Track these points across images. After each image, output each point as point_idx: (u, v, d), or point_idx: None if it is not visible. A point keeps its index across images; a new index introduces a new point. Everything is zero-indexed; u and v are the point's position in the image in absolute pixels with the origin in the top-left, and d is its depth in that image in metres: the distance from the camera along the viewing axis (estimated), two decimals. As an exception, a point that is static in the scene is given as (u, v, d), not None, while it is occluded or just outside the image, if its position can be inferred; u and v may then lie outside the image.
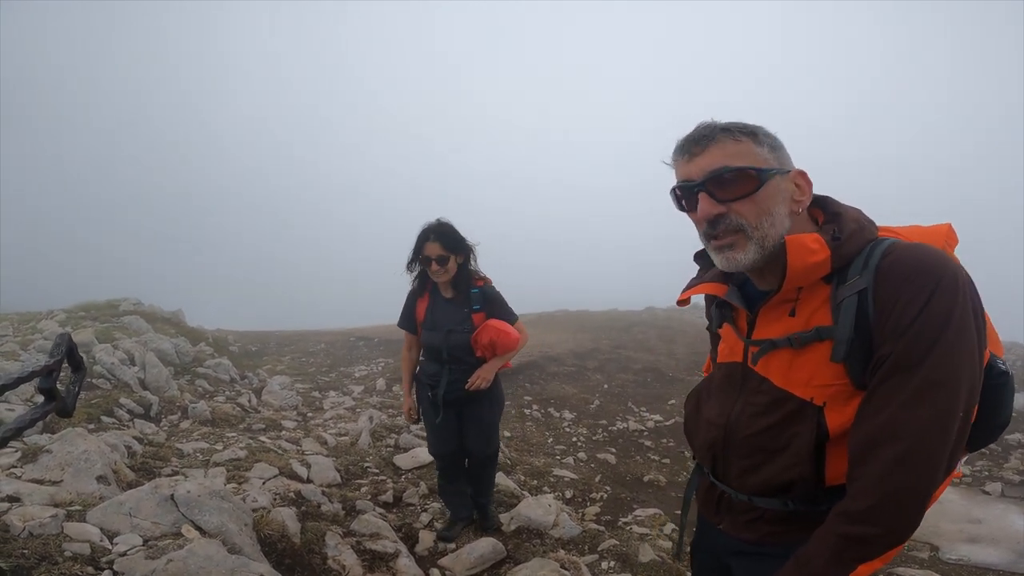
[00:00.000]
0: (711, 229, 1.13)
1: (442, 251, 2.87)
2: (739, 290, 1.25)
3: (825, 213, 1.18)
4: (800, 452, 1.10)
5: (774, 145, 1.13)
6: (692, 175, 1.12)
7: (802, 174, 1.14)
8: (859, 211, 1.17)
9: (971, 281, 1.03)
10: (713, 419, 1.29)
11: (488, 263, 3.13)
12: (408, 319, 3.17)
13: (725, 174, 1.08)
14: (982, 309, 1.03)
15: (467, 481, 3.42)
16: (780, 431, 1.14)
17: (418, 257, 2.97)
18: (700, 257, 1.37)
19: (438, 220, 2.96)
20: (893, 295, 1.01)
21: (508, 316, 3.07)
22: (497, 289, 3.11)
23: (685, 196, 1.15)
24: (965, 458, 1.33)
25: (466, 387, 2.97)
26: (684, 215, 1.20)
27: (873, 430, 1.00)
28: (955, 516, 4.61)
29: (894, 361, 0.99)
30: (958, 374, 0.97)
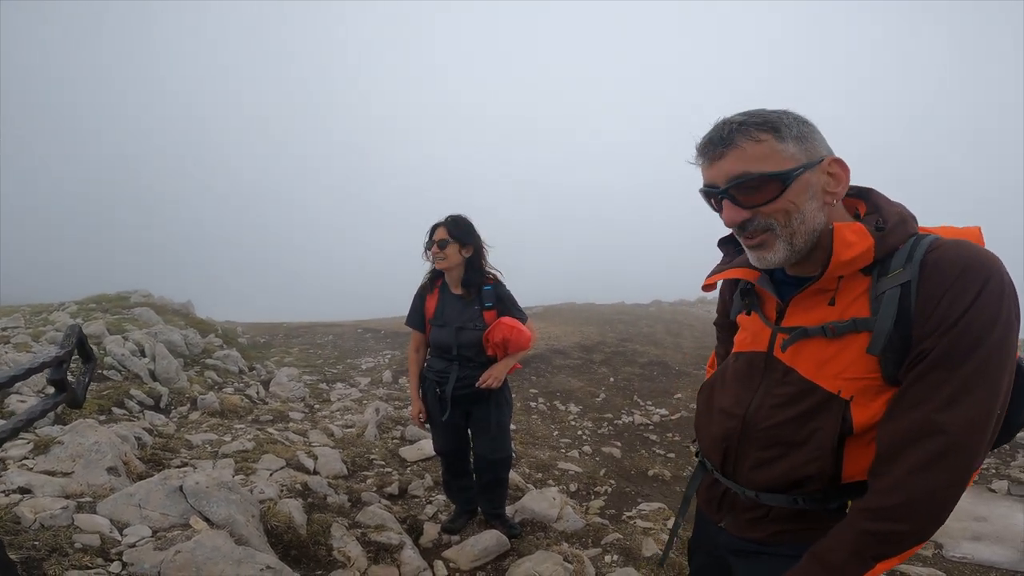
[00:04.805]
0: (740, 231, 1.12)
1: (445, 235, 2.86)
2: (769, 277, 1.22)
3: (867, 205, 1.16)
4: (822, 446, 1.09)
5: (800, 135, 1.07)
6: (715, 180, 1.09)
7: (837, 162, 1.09)
8: (902, 206, 1.15)
9: (1013, 285, 1.00)
10: (729, 408, 1.26)
11: (494, 255, 3.08)
12: (417, 316, 3.09)
13: (747, 181, 1.05)
14: (1020, 313, 1.01)
15: (478, 492, 3.37)
16: (802, 424, 1.12)
17: (428, 242, 2.96)
18: (725, 243, 1.34)
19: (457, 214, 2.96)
20: (939, 290, 0.98)
21: (519, 316, 2.99)
22: (507, 288, 3.05)
23: (712, 198, 1.13)
24: None
25: (477, 384, 2.89)
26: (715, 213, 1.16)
27: (908, 426, 0.98)
28: (959, 514, 4.59)
29: (935, 357, 0.97)
30: (1000, 375, 0.96)
